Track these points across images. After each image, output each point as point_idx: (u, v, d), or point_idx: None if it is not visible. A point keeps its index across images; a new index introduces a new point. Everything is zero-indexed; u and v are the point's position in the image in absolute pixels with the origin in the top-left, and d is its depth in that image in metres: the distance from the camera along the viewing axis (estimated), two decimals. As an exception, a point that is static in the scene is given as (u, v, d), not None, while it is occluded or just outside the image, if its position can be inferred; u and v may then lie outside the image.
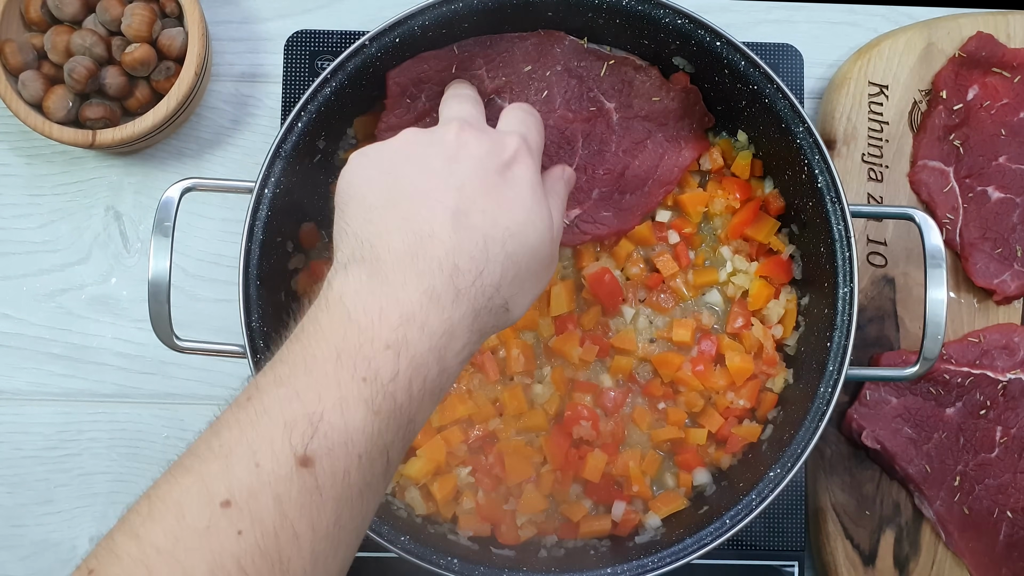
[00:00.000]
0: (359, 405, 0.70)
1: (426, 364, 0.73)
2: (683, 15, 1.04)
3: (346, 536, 0.70)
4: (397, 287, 0.74)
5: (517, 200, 0.82)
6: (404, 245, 0.76)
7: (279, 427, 0.68)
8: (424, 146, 0.84)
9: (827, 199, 1.02)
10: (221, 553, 0.64)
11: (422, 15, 1.03)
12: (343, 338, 0.72)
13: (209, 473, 0.68)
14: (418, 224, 0.77)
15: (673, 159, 1.12)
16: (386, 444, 0.71)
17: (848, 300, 1.01)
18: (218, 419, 0.71)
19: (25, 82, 1.14)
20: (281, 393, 0.70)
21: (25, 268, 1.22)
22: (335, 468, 0.68)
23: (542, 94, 1.11)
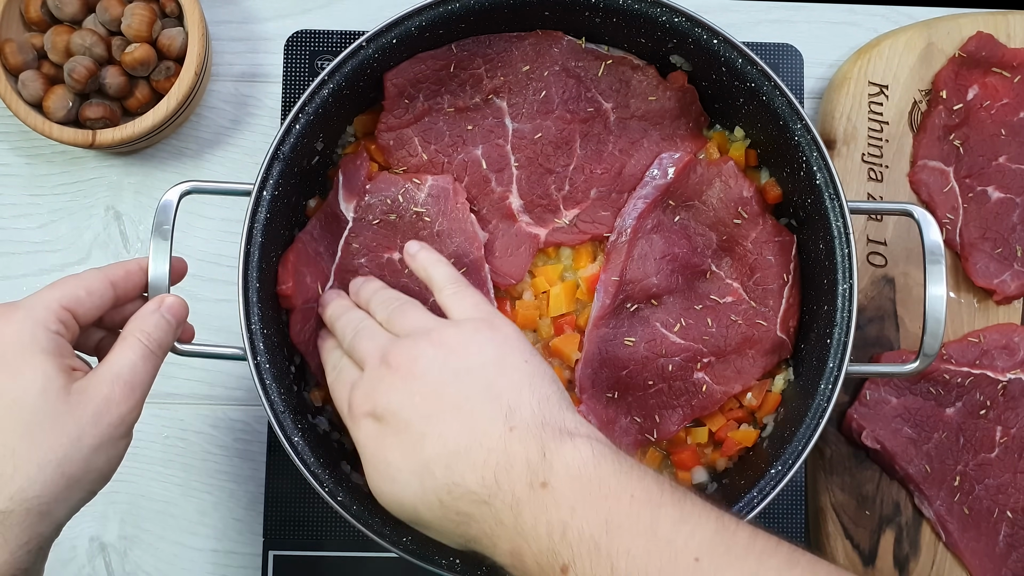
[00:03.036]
0: None
1: None
2: (680, 13, 1.04)
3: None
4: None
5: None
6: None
7: None
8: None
9: (826, 196, 1.02)
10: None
11: (419, 15, 1.03)
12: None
13: None
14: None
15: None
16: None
17: (848, 297, 1.01)
18: None
19: (25, 82, 1.14)
20: None
21: (25, 268, 1.22)
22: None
23: (540, 94, 1.11)
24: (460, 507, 0.80)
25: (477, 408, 0.82)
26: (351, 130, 1.13)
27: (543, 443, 0.78)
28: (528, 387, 0.83)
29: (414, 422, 0.83)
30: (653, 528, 0.73)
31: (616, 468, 0.77)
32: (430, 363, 0.85)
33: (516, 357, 0.86)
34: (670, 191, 1.09)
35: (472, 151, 1.11)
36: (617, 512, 0.74)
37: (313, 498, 1.00)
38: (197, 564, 1.21)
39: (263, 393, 0.98)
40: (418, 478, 0.82)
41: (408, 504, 0.84)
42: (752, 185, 1.11)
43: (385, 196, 1.08)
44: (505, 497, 0.77)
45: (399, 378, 0.85)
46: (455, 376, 0.84)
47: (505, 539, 0.78)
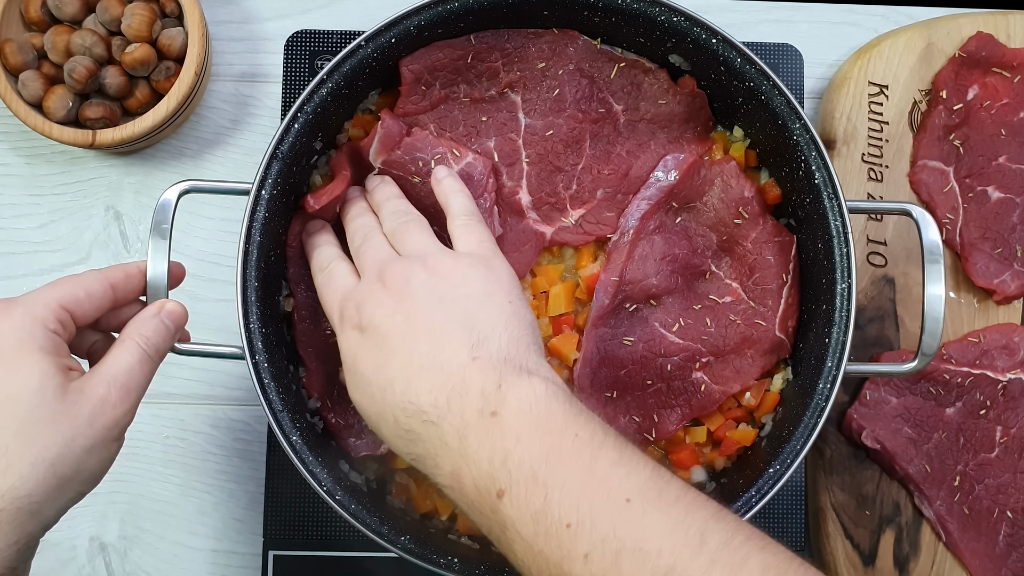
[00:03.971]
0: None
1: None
2: (679, 12, 1.04)
3: None
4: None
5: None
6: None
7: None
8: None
9: (824, 195, 1.02)
10: None
11: (418, 15, 1.04)
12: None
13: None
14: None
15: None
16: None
17: (846, 296, 1.01)
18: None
19: (25, 82, 1.14)
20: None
21: (25, 268, 1.22)
22: None
23: (554, 92, 1.11)
24: (411, 425, 0.82)
25: (449, 335, 0.85)
26: (347, 126, 1.13)
27: (501, 376, 0.81)
28: (503, 325, 0.86)
29: (391, 338, 0.86)
30: (591, 466, 0.76)
31: (565, 409, 0.80)
32: (420, 286, 0.88)
33: (501, 296, 0.89)
34: (674, 193, 1.10)
35: (485, 142, 1.11)
36: (559, 447, 0.77)
37: (313, 498, 1.00)
38: (197, 564, 1.21)
39: (261, 392, 0.98)
40: (381, 392, 0.85)
41: (371, 415, 0.87)
42: (753, 185, 1.11)
43: (418, 156, 1.08)
44: (454, 420, 0.80)
45: (388, 296, 0.88)
46: (439, 302, 0.87)
47: (448, 460, 0.80)
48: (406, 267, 0.90)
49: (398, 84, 1.09)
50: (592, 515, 0.73)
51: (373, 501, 1.04)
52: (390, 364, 0.85)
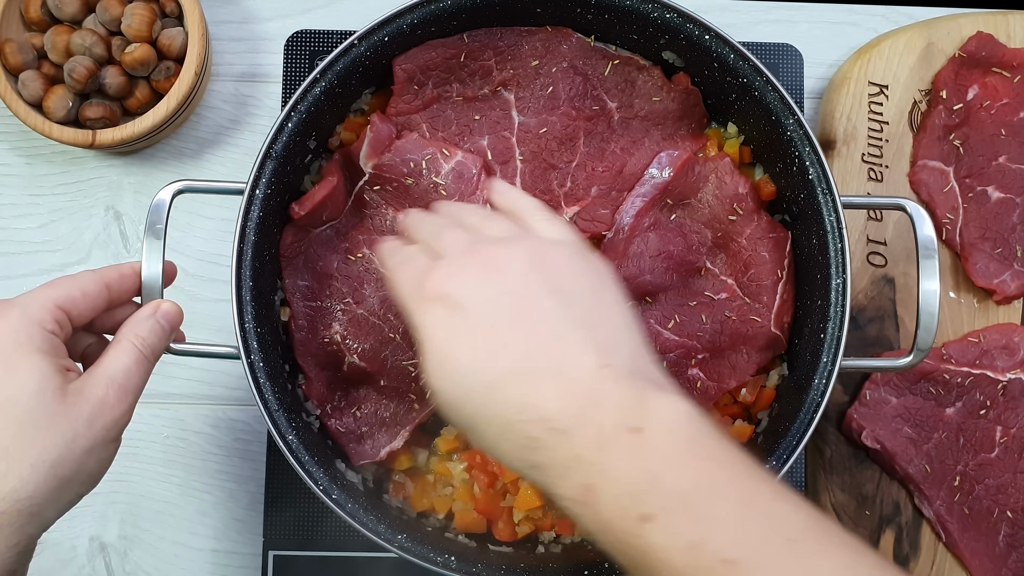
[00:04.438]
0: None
1: None
2: (672, 9, 1.04)
3: None
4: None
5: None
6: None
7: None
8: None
9: (818, 191, 1.02)
10: None
11: (410, 13, 1.04)
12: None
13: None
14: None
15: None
16: None
17: (841, 291, 1.01)
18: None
19: (25, 82, 1.15)
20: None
21: (25, 268, 1.23)
22: None
23: (547, 89, 1.11)
24: (529, 430, 0.75)
25: (569, 333, 0.77)
26: (340, 129, 1.13)
27: (639, 390, 0.75)
28: (626, 330, 0.80)
29: (496, 325, 0.78)
30: (749, 499, 0.71)
31: (712, 432, 0.75)
32: (523, 266, 0.80)
33: (612, 295, 0.82)
34: (668, 190, 1.10)
35: (478, 141, 1.11)
36: (713, 475, 0.72)
37: (313, 498, 1.00)
38: (197, 564, 1.21)
39: (256, 392, 0.98)
40: (486, 387, 0.77)
41: (467, 411, 0.78)
42: (747, 182, 1.11)
43: (409, 158, 1.08)
44: (588, 432, 0.73)
45: (486, 269, 0.80)
46: (549, 292, 0.79)
47: (579, 474, 0.73)
48: (504, 243, 0.83)
49: (391, 83, 1.10)
50: (755, 553, 0.68)
51: (370, 500, 1.04)
52: (499, 356, 0.77)
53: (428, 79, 1.10)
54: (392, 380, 1.09)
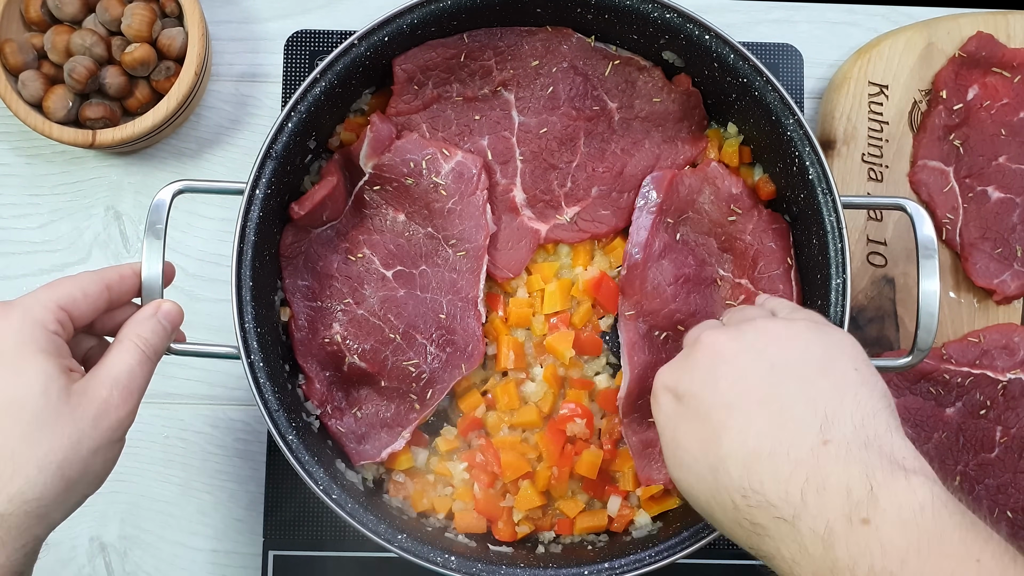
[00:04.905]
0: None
1: None
2: (672, 9, 1.04)
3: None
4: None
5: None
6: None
7: None
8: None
9: (818, 191, 1.02)
10: None
11: (410, 13, 1.04)
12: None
13: None
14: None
15: (669, 159, 1.13)
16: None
17: (841, 291, 1.01)
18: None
19: (25, 82, 1.15)
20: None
21: (25, 268, 1.23)
22: None
23: (547, 90, 1.11)
24: (755, 517, 0.74)
25: (787, 408, 0.76)
26: (340, 129, 1.14)
27: (868, 471, 0.70)
28: (852, 396, 0.76)
29: (714, 409, 0.78)
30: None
31: (959, 523, 0.68)
32: (744, 348, 0.81)
33: (845, 362, 0.79)
34: (664, 209, 1.10)
35: (478, 141, 1.12)
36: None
37: (313, 498, 1.00)
38: (197, 564, 1.21)
39: (256, 391, 0.98)
40: (712, 472, 0.77)
41: (700, 497, 0.80)
42: (740, 180, 1.11)
43: (409, 158, 1.09)
44: (813, 524, 0.70)
45: (707, 356, 0.82)
46: (770, 369, 0.79)
47: (808, 570, 0.71)
48: (730, 330, 0.83)
49: (391, 83, 1.10)
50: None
51: (370, 500, 1.04)
52: (720, 441, 0.77)
53: (428, 79, 1.10)
54: (393, 381, 1.09)
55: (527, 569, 1.01)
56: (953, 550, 0.67)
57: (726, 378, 0.79)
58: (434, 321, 1.10)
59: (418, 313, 1.10)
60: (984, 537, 0.68)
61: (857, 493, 0.70)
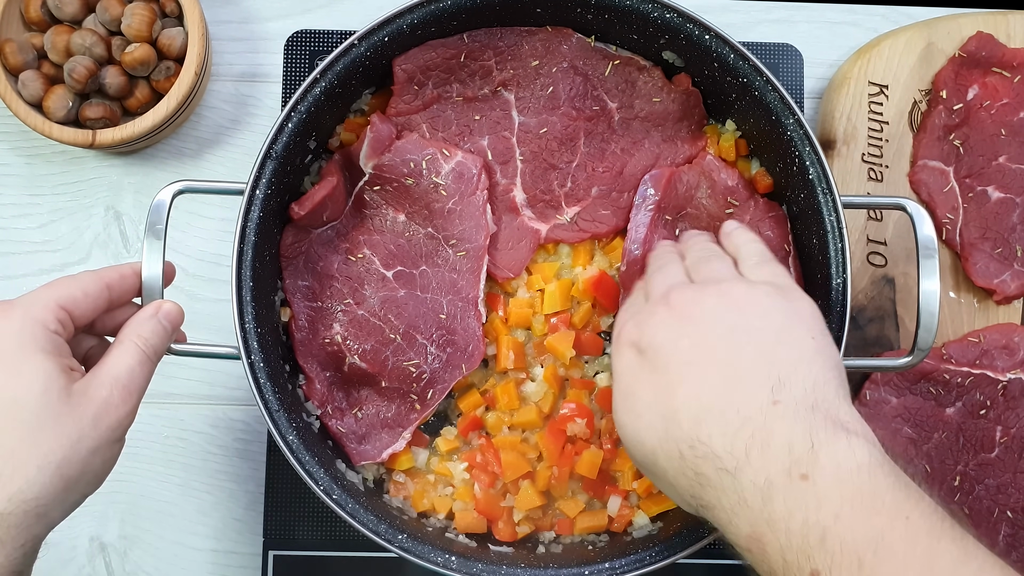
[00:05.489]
0: None
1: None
2: (672, 9, 1.04)
3: None
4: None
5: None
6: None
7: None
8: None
9: (819, 190, 1.02)
10: None
11: (410, 13, 1.04)
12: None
13: None
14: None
15: (669, 159, 1.13)
16: None
17: (841, 291, 1.01)
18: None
19: (25, 82, 1.14)
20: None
21: (25, 268, 1.23)
22: None
23: (547, 89, 1.12)
24: (700, 467, 0.76)
25: (743, 369, 0.79)
26: (340, 129, 1.14)
27: (811, 430, 0.73)
28: (806, 363, 0.79)
29: (673, 364, 0.82)
30: (930, 562, 0.68)
31: (892, 483, 0.72)
32: (708, 311, 0.84)
33: (802, 330, 0.82)
34: (662, 207, 1.10)
35: (479, 141, 1.12)
36: (890, 533, 0.68)
37: (313, 498, 1.00)
38: (197, 564, 1.21)
39: (257, 392, 0.98)
40: (663, 422, 0.80)
41: (647, 445, 0.82)
42: (736, 172, 1.11)
43: (409, 159, 1.09)
44: (754, 476, 0.73)
45: (672, 316, 0.85)
46: (730, 331, 0.82)
47: (746, 521, 0.73)
48: (695, 290, 0.87)
49: (391, 83, 1.10)
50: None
51: (370, 500, 1.04)
52: (674, 393, 0.80)
53: (428, 79, 1.10)
54: (393, 381, 1.09)
55: (527, 569, 1.02)
56: (885, 508, 0.70)
57: (688, 337, 0.82)
58: (434, 321, 1.10)
59: (418, 313, 1.10)
60: (916, 498, 0.71)
61: (799, 450, 0.72)
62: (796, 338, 0.81)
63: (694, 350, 0.82)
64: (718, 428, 0.76)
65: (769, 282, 0.88)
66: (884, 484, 0.71)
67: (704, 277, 0.90)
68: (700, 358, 0.81)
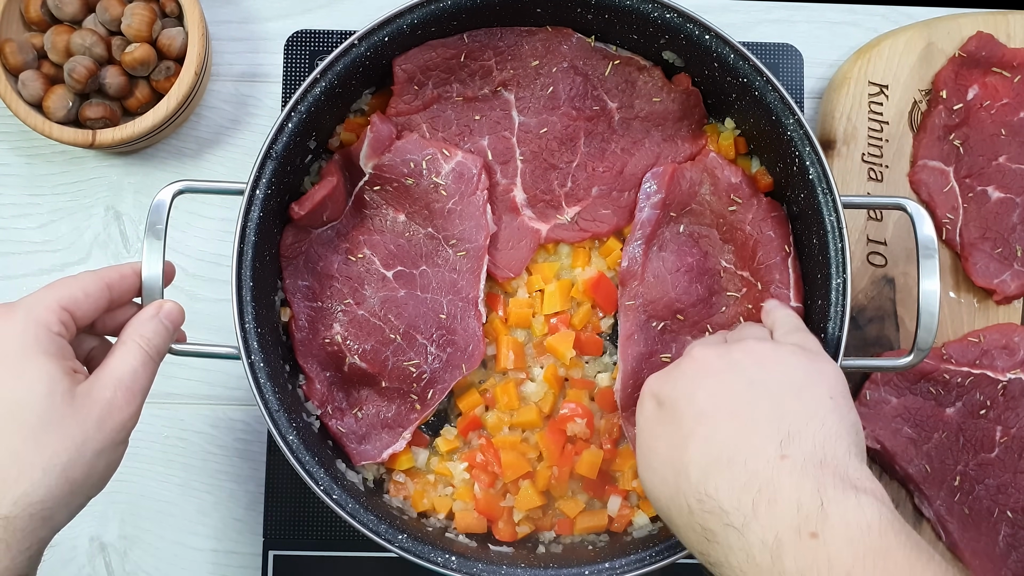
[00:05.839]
0: None
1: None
2: (672, 9, 1.04)
3: None
4: None
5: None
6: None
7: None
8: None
9: (819, 190, 1.02)
10: None
11: (410, 13, 1.04)
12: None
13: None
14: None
15: (669, 158, 1.13)
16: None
17: (841, 291, 1.01)
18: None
19: (25, 82, 1.14)
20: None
21: (25, 268, 1.23)
22: None
23: (547, 89, 1.12)
24: (707, 522, 0.76)
25: (754, 422, 0.79)
26: (340, 129, 1.14)
27: (820, 487, 0.73)
28: (819, 419, 0.78)
29: (688, 415, 0.82)
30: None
31: (904, 542, 0.70)
32: (731, 364, 0.84)
33: (822, 389, 0.82)
34: (667, 204, 1.10)
35: (479, 141, 1.12)
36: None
37: (313, 498, 1.00)
38: (197, 564, 1.21)
39: (257, 392, 0.98)
40: (675, 475, 0.80)
41: (661, 499, 0.82)
42: (739, 170, 1.11)
43: (409, 159, 1.09)
44: (763, 533, 0.72)
45: (694, 368, 0.85)
46: (747, 385, 0.82)
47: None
48: (719, 347, 0.87)
49: (391, 83, 1.10)
50: None
51: (370, 500, 1.04)
52: (686, 446, 0.79)
53: (428, 79, 1.10)
54: (393, 381, 1.09)
55: (528, 569, 1.02)
56: (897, 568, 0.68)
57: (705, 390, 0.82)
58: (434, 321, 1.10)
59: (418, 313, 1.10)
60: (927, 557, 0.70)
61: (808, 507, 0.72)
62: (814, 395, 0.81)
63: (709, 400, 0.82)
64: (725, 481, 0.76)
65: (798, 344, 0.88)
66: (895, 543, 0.70)
67: (736, 338, 0.90)
68: (714, 409, 0.81)
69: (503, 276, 1.12)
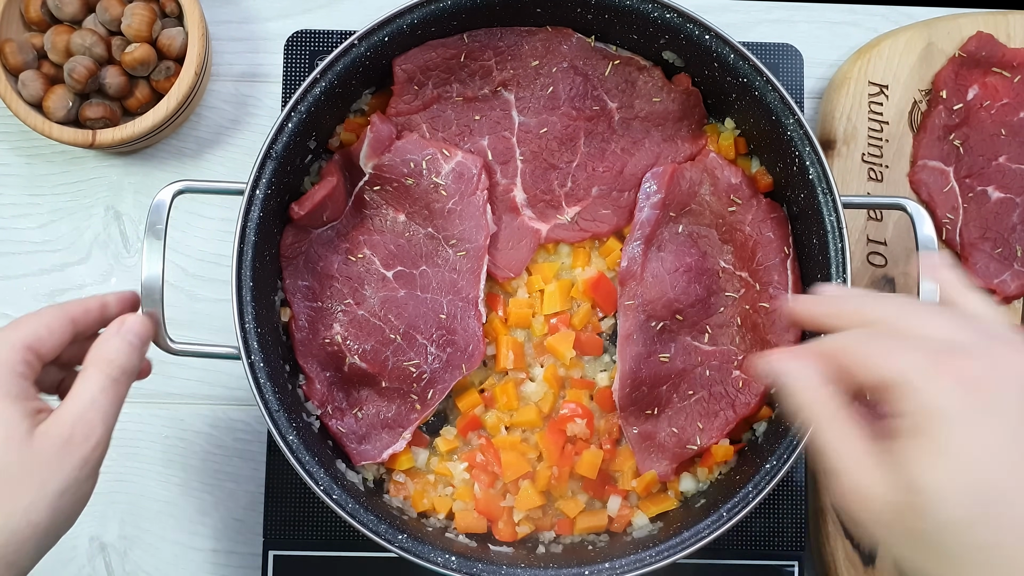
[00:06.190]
0: None
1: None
2: (672, 9, 1.04)
3: None
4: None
5: None
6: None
7: None
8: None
9: (819, 190, 1.02)
10: None
11: (410, 13, 1.04)
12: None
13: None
14: None
15: (669, 158, 1.13)
16: None
17: None
18: None
19: (25, 82, 1.14)
20: None
21: (25, 268, 1.23)
22: None
23: (547, 89, 1.12)
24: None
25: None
26: (340, 129, 1.14)
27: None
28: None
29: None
30: None
31: None
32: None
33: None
34: (667, 204, 1.10)
35: (479, 141, 1.12)
36: None
37: (313, 498, 1.00)
38: (197, 564, 1.21)
39: (257, 392, 0.98)
40: (1000, 495, 0.65)
41: (956, 515, 0.65)
42: (739, 170, 1.11)
43: (409, 159, 1.09)
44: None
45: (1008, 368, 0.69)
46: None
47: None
48: (979, 361, 0.69)
49: (391, 83, 1.10)
50: None
51: (370, 500, 1.04)
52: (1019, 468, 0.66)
53: (428, 79, 1.10)
54: (393, 381, 1.09)
55: (527, 569, 1.02)
56: None
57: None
58: (434, 321, 1.10)
59: (418, 313, 1.10)
60: None
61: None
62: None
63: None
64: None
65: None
66: None
67: (977, 341, 0.72)
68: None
69: (503, 276, 1.12)
